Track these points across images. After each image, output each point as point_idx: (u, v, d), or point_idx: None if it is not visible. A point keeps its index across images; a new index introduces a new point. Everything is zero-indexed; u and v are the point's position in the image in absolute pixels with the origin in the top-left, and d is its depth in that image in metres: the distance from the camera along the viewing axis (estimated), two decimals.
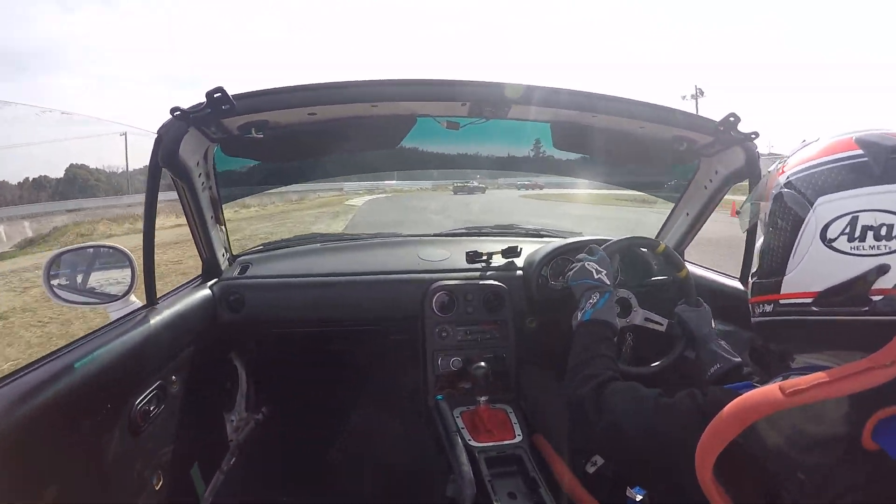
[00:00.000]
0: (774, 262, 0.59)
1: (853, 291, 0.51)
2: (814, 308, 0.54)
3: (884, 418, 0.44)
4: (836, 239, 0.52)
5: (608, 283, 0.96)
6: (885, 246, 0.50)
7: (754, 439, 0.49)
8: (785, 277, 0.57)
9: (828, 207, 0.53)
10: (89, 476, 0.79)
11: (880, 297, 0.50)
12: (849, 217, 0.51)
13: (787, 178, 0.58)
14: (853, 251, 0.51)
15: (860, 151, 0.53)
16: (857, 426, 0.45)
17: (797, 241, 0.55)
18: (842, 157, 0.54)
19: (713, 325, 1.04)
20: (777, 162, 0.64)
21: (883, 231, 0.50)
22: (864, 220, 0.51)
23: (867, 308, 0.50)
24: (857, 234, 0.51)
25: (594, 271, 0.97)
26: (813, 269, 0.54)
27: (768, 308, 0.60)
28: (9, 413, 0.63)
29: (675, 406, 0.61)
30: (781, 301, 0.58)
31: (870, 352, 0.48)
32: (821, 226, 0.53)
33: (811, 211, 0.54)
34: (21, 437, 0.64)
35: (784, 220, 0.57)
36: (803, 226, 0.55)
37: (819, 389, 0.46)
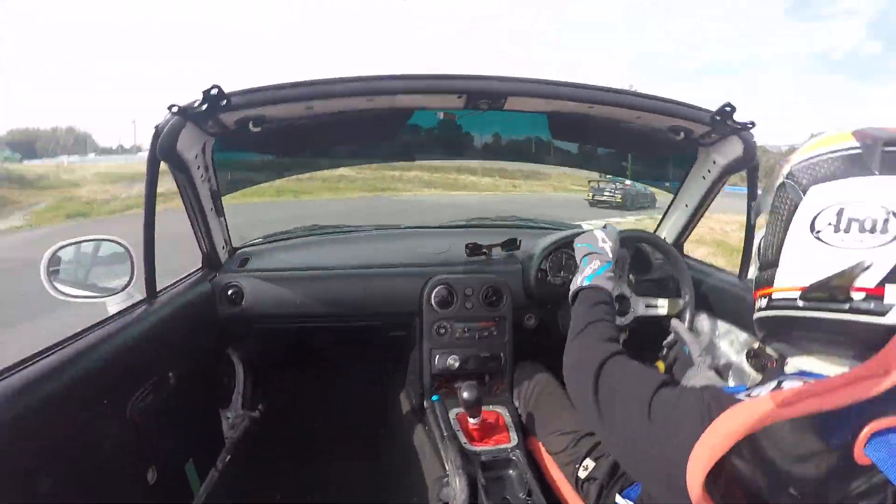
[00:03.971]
0: (770, 254, 0.58)
1: (835, 287, 0.49)
2: (800, 303, 0.52)
3: (877, 431, 0.43)
4: (822, 230, 0.51)
5: (610, 255, 0.94)
6: (870, 240, 0.48)
7: (745, 451, 0.48)
8: (777, 270, 0.56)
9: (818, 196, 0.52)
10: (84, 469, 0.78)
11: (862, 296, 0.47)
12: (837, 207, 0.50)
13: (790, 169, 0.57)
14: (838, 244, 0.49)
15: (856, 143, 0.52)
16: (849, 439, 0.43)
17: (788, 233, 0.54)
18: (838, 147, 0.53)
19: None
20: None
21: (868, 224, 0.48)
22: (851, 211, 0.49)
23: (848, 306, 0.48)
24: (843, 225, 0.49)
25: (600, 239, 0.96)
26: (801, 262, 0.53)
27: (763, 302, 0.59)
28: (6, 406, 0.63)
29: (677, 403, 0.57)
30: (774, 295, 0.56)
31: (851, 351, 0.47)
32: (810, 216, 0.52)
33: (803, 199, 0.53)
34: (18, 430, 0.64)
35: (781, 210, 0.56)
36: (795, 217, 0.54)
37: (812, 401, 0.44)
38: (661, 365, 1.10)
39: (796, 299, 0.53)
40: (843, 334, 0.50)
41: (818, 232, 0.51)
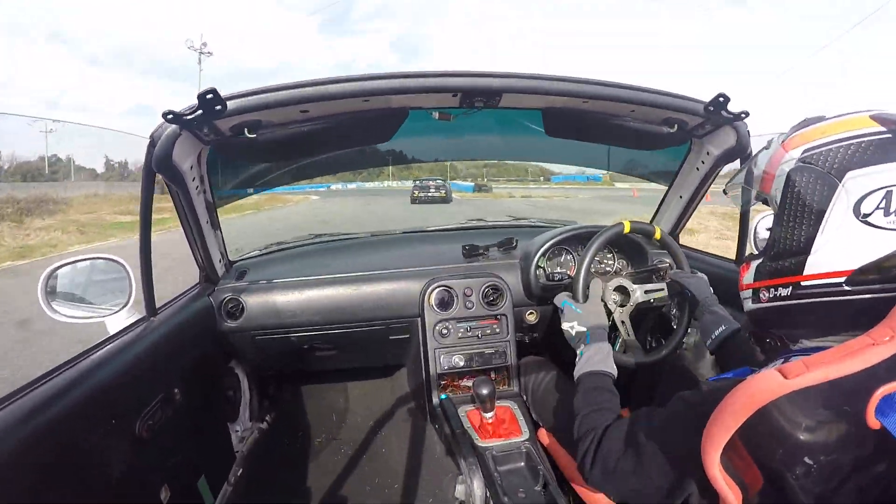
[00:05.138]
0: (794, 243, 0.56)
1: (891, 267, 0.50)
2: (846, 287, 0.52)
3: (886, 395, 0.43)
4: (871, 214, 0.51)
5: (592, 320, 0.99)
6: None
7: (757, 427, 0.48)
8: (810, 258, 0.54)
9: (859, 182, 0.51)
10: (96, 491, 0.77)
11: None
12: (883, 191, 0.50)
13: (802, 154, 0.56)
14: (889, 226, 0.50)
15: (882, 128, 0.52)
16: (860, 404, 0.44)
17: (825, 218, 0.53)
18: (863, 132, 0.53)
19: (711, 291, 1.04)
20: (776, 139, 0.62)
21: None
22: None
23: None
24: (894, 208, 0.50)
25: (576, 322, 1.01)
26: (845, 247, 0.52)
27: (784, 291, 0.57)
28: (15, 431, 0.62)
29: (668, 423, 0.60)
30: (804, 283, 0.55)
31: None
32: (853, 201, 0.51)
33: (840, 186, 0.52)
34: (27, 455, 0.63)
35: (806, 197, 0.55)
36: (832, 202, 0.53)
37: (819, 372, 0.45)
38: (626, 223, 1.16)
39: (841, 284, 0.52)
40: (882, 316, 0.49)
41: (866, 216, 0.51)
